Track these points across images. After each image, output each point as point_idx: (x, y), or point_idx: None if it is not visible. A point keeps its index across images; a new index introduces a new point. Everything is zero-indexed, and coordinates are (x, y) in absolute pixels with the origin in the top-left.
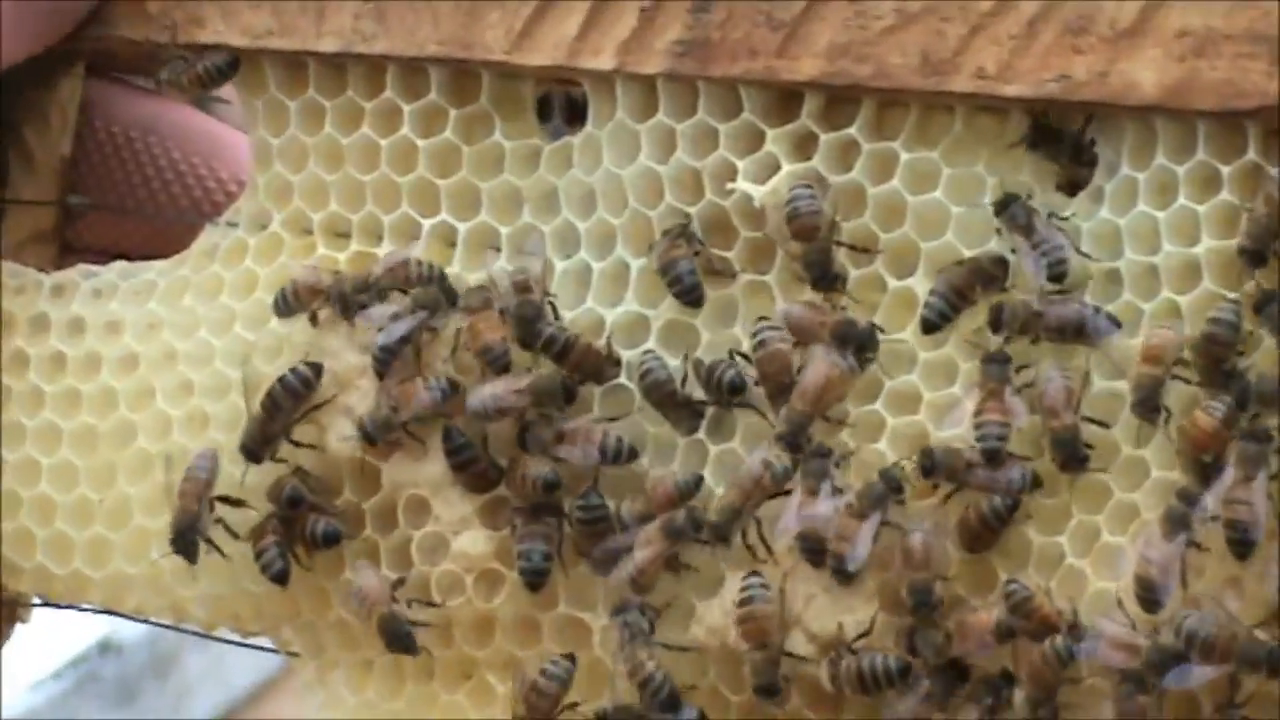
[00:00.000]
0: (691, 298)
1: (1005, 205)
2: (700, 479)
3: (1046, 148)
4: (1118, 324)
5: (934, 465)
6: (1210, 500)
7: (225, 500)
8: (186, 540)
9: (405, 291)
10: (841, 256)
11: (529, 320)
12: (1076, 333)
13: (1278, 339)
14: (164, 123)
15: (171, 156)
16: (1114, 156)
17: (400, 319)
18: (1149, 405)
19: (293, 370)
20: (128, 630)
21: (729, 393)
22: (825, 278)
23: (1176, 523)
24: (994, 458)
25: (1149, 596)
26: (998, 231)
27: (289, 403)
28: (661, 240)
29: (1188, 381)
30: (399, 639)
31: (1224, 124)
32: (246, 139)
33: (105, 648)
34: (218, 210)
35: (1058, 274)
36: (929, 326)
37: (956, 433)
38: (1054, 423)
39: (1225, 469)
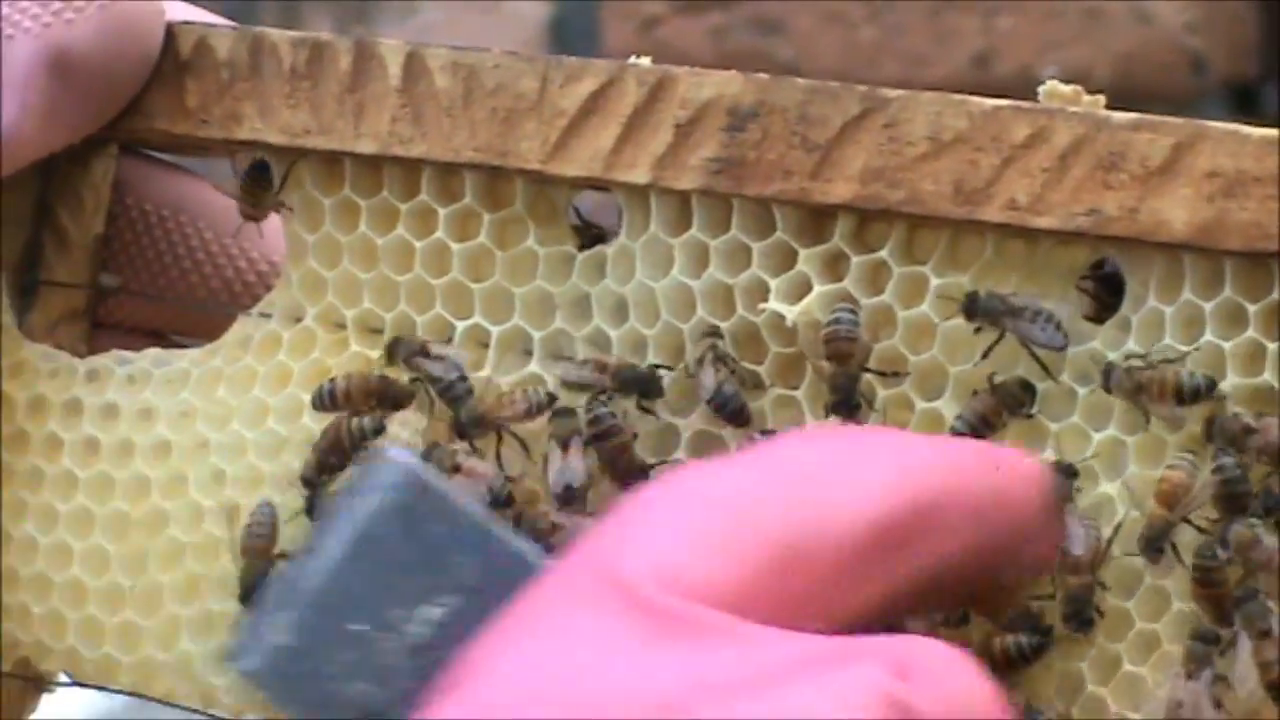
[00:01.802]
0: (739, 418)
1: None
2: None
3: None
4: None
5: None
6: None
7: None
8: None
9: None
10: (867, 381)
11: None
12: None
13: None
14: (194, 201)
15: (203, 236)
16: (1140, 289)
17: None
18: (1154, 546)
19: None
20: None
21: None
22: (847, 405)
23: (1200, 660)
24: None
25: None
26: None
27: None
28: (695, 362)
29: (1200, 529)
30: None
31: (1251, 262)
32: (277, 218)
33: None
34: (249, 291)
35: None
36: None
37: None
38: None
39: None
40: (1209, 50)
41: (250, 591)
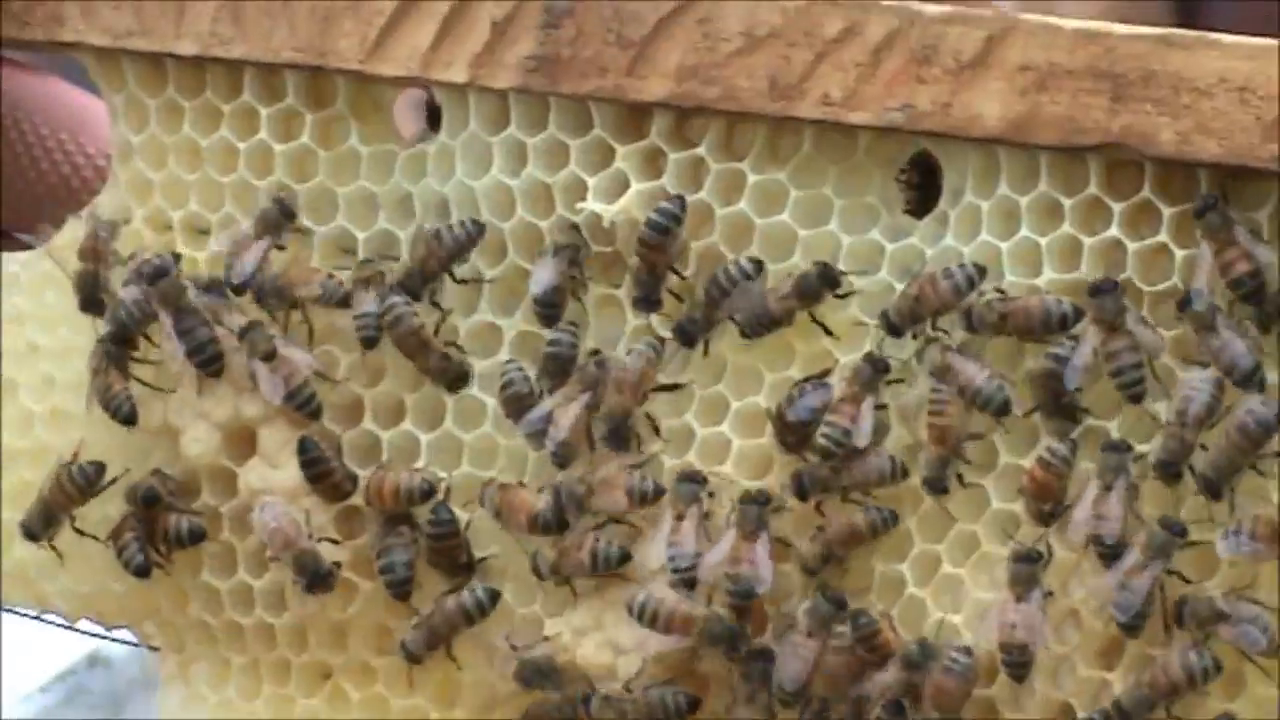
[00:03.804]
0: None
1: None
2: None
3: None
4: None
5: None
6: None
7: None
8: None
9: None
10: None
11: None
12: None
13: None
14: (29, 97)
15: (39, 132)
16: (958, 182)
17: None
18: (938, 485)
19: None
20: (116, 645)
21: None
22: (647, 301)
23: (1026, 582)
24: (827, 457)
25: (1018, 659)
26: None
27: None
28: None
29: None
30: (319, 577)
31: (1066, 156)
32: None
33: (94, 661)
34: (86, 186)
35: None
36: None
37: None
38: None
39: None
40: None
41: None
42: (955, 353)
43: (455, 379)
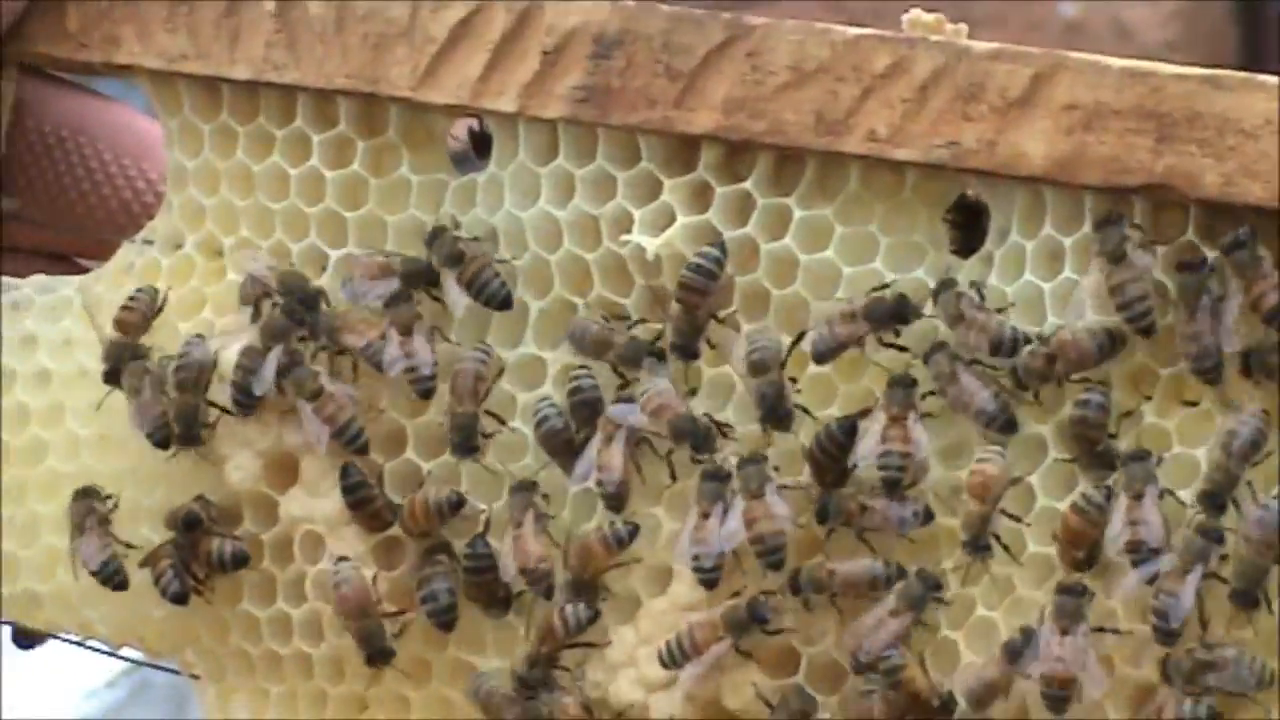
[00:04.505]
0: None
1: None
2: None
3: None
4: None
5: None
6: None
7: None
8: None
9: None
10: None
11: None
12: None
13: None
14: (94, 122)
15: (102, 157)
16: (1004, 222)
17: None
18: (978, 544)
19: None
20: None
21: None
22: (686, 351)
23: (1072, 616)
24: (894, 487)
25: (1059, 694)
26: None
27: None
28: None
29: (1017, 519)
30: (381, 653)
31: (1111, 197)
32: None
33: None
34: (147, 212)
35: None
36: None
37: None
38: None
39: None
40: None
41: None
42: (962, 364)
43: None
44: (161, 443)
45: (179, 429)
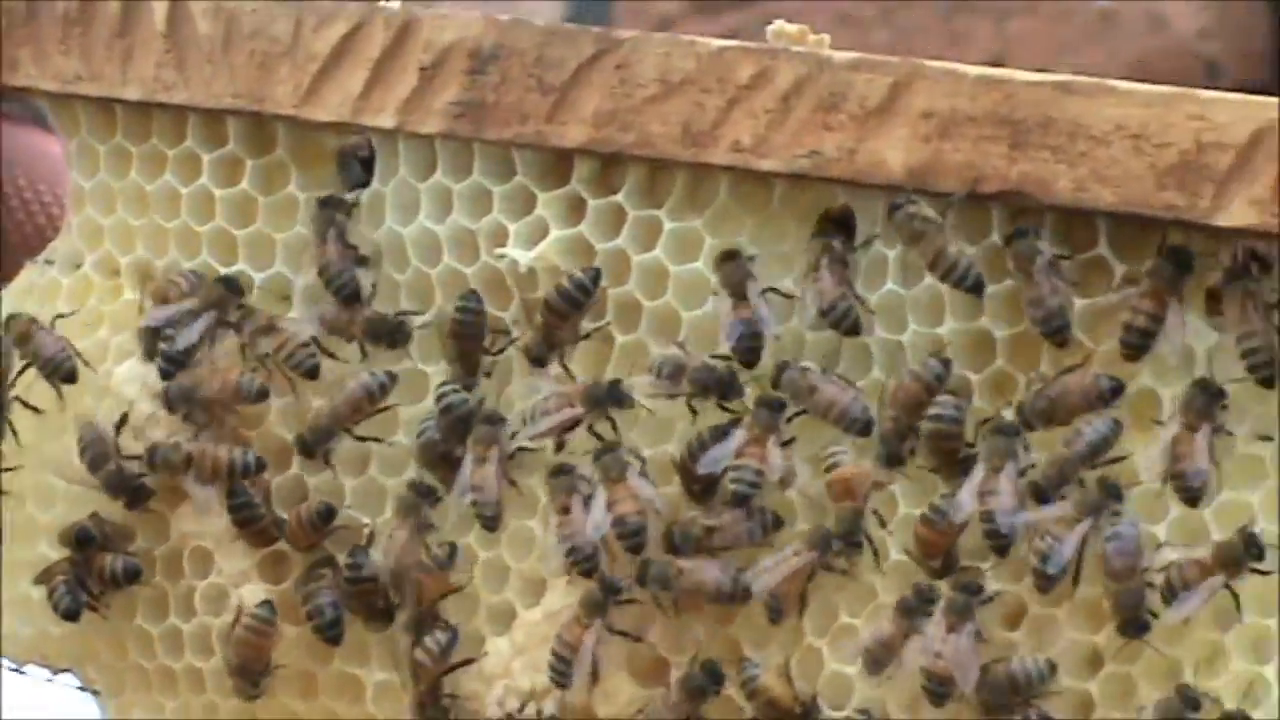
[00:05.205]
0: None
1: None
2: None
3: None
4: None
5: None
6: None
7: None
8: None
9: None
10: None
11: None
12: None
13: None
14: (8, 146)
15: (17, 183)
16: (870, 230)
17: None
18: (852, 539)
19: None
20: None
21: None
22: (541, 364)
23: (960, 614)
24: (741, 502)
25: (945, 690)
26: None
27: None
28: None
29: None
30: None
31: (971, 203)
32: None
33: None
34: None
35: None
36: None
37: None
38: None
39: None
40: (1222, 56)
41: None
42: (816, 373)
43: None
44: None
45: None
